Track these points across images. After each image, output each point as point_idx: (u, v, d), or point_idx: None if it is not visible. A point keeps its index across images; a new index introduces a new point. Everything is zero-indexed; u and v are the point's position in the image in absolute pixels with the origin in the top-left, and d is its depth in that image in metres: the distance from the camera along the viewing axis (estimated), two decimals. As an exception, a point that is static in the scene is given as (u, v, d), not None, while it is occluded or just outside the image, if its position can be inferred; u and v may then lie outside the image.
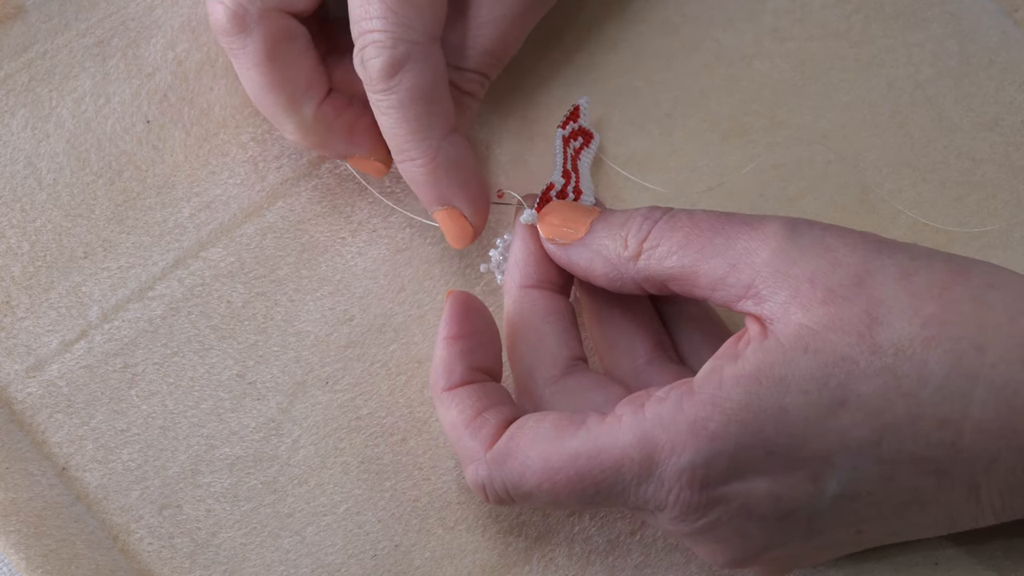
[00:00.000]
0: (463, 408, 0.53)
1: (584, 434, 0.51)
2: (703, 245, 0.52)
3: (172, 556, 0.56)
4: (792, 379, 0.49)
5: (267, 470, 0.58)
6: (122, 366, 0.59)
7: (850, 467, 0.49)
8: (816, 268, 0.50)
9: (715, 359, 0.51)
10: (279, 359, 0.59)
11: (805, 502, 0.50)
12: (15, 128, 0.62)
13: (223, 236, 0.61)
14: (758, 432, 0.49)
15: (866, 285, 0.50)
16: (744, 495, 0.50)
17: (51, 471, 0.57)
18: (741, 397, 0.49)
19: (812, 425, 0.49)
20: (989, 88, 0.65)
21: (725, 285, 0.51)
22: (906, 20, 0.66)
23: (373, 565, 0.57)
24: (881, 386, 0.49)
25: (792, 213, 0.62)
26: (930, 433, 0.49)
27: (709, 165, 0.64)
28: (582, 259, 0.55)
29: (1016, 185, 0.64)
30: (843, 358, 0.49)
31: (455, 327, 0.54)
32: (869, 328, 0.49)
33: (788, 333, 0.49)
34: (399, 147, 0.57)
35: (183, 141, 0.62)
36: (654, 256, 0.53)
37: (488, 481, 0.52)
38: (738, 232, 0.52)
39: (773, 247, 0.51)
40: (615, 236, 0.54)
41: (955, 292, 0.50)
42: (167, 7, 0.64)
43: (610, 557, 0.57)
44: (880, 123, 0.65)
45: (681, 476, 0.50)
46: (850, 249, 0.51)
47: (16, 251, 0.60)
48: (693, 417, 0.49)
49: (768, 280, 0.50)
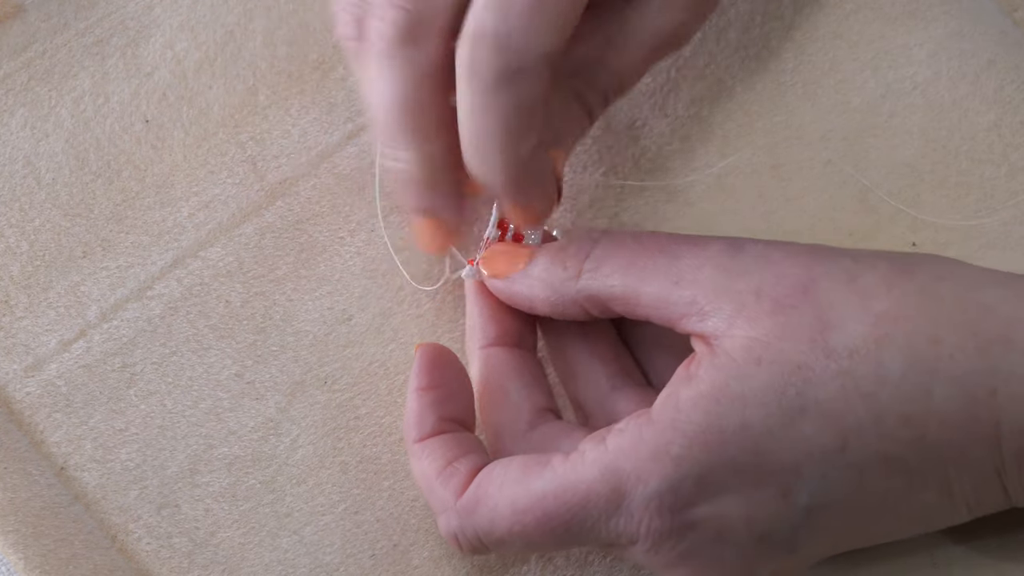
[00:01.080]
0: (434, 459, 0.53)
1: (549, 474, 0.50)
2: (646, 264, 0.51)
3: (170, 556, 0.56)
4: (749, 393, 0.49)
5: (265, 470, 0.58)
6: (121, 365, 0.59)
7: (818, 476, 0.49)
8: (760, 281, 0.50)
9: (669, 385, 0.50)
10: (278, 359, 0.59)
11: (778, 520, 0.50)
12: (14, 127, 0.62)
13: (222, 236, 0.61)
14: (722, 451, 0.49)
15: (811, 292, 0.49)
16: (716, 518, 0.49)
17: (49, 471, 0.57)
18: (701, 418, 0.49)
19: (775, 437, 0.49)
20: (989, 88, 0.65)
21: (668, 303, 0.51)
22: (905, 20, 0.66)
23: (371, 564, 0.57)
24: (839, 390, 0.48)
25: (792, 213, 0.63)
26: (894, 432, 0.49)
27: (709, 166, 0.64)
28: (523, 287, 0.54)
29: (1015, 186, 0.63)
30: (798, 366, 0.48)
31: (425, 379, 0.54)
32: (821, 333, 0.49)
33: (738, 347, 0.49)
34: (478, 153, 0.53)
35: (182, 140, 0.62)
36: (596, 276, 0.52)
37: (460, 531, 0.52)
38: (681, 250, 0.51)
39: (716, 263, 0.50)
40: (555, 260, 0.54)
41: (903, 288, 0.49)
42: (166, 6, 0.64)
43: (608, 557, 0.57)
44: (879, 123, 0.64)
45: (649, 504, 0.49)
46: (792, 260, 0.50)
47: (15, 250, 0.60)
48: (655, 444, 0.49)
49: (711, 295, 0.50)
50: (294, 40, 0.64)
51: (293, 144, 0.62)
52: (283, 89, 0.63)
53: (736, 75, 0.65)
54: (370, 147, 0.62)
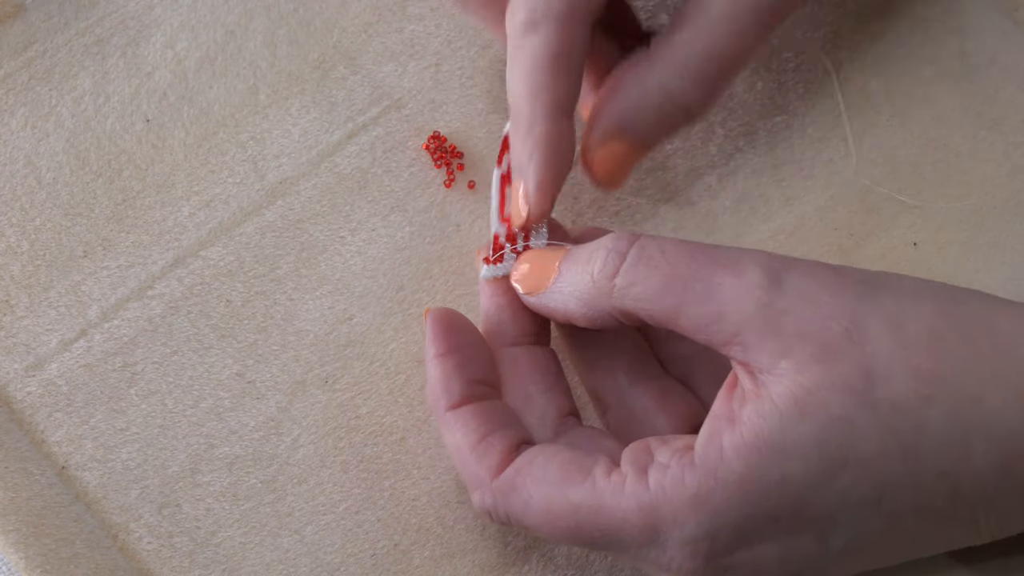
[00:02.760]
0: (467, 431, 0.53)
1: (589, 487, 0.50)
2: (683, 290, 0.50)
3: (171, 555, 0.56)
4: (792, 446, 0.48)
5: (266, 469, 0.58)
6: (121, 365, 0.59)
7: (853, 523, 0.49)
8: (805, 324, 0.49)
9: (712, 419, 0.50)
10: (278, 358, 0.59)
11: (812, 562, 0.50)
12: (15, 127, 0.62)
13: (222, 235, 0.61)
14: (761, 502, 0.49)
15: (856, 340, 0.49)
16: (751, 563, 0.50)
17: (50, 470, 0.57)
18: (742, 469, 0.48)
19: (814, 489, 0.48)
20: (989, 88, 0.65)
21: (709, 332, 0.50)
22: (907, 19, 0.66)
23: (372, 564, 0.57)
24: (880, 444, 0.48)
25: (792, 213, 0.63)
26: (931, 486, 0.49)
27: (710, 165, 0.64)
28: (557, 304, 0.54)
29: (1017, 185, 0.64)
30: (839, 418, 0.48)
31: (443, 344, 0.54)
32: (865, 386, 0.48)
33: (782, 395, 0.49)
34: (512, 101, 0.55)
35: (183, 140, 0.62)
36: (630, 295, 0.51)
37: (493, 509, 0.52)
38: (719, 278, 0.50)
39: (756, 299, 0.50)
40: (583, 273, 0.53)
41: (948, 342, 0.49)
42: (166, 6, 0.64)
43: (610, 557, 0.57)
44: (880, 123, 0.65)
45: (684, 548, 0.49)
46: (836, 299, 0.50)
47: (16, 250, 0.60)
48: (695, 490, 0.49)
49: (757, 332, 0.49)
50: (295, 39, 0.64)
51: (294, 143, 0.62)
52: (283, 88, 0.63)
53: (737, 75, 0.65)
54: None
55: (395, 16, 0.65)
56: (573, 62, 0.54)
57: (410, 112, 0.64)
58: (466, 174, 0.63)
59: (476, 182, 0.63)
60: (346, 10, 0.65)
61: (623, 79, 0.56)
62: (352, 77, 0.64)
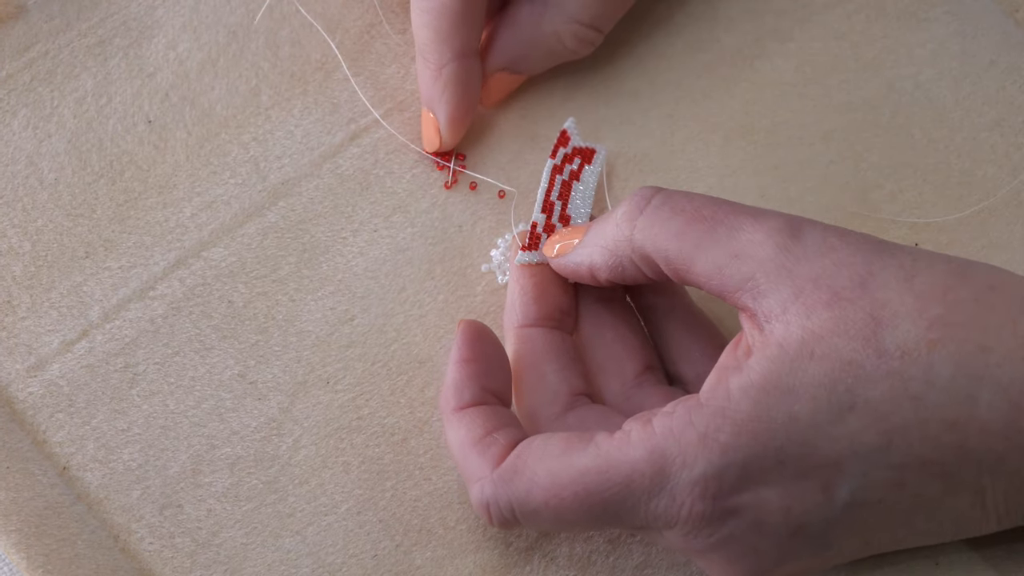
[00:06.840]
0: (471, 428, 0.53)
1: (593, 450, 0.51)
2: (704, 232, 0.52)
3: (173, 556, 0.56)
4: (800, 387, 0.49)
5: (268, 470, 0.58)
6: (123, 366, 0.59)
7: (860, 473, 0.49)
8: (820, 268, 0.50)
9: (718, 369, 0.50)
10: (280, 359, 0.59)
11: (816, 513, 0.50)
12: (16, 128, 0.62)
13: (224, 236, 0.61)
14: (769, 441, 0.49)
15: (869, 287, 0.50)
16: (756, 507, 0.50)
17: (52, 471, 0.57)
18: (750, 407, 0.49)
19: (821, 431, 0.49)
20: (990, 88, 0.65)
21: (723, 275, 0.51)
22: (907, 20, 0.66)
23: (374, 565, 0.57)
24: (888, 389, 0.49)
25: (793, 213, 0.63)
26: (938, 435, 0.49)
27: (710, 166, 0.64)
28: (582, 257, 0.55)
29: (1018, 185, 0.64)
30: (849, 362, 0.49)
31: (467, 351, 0.54)
32: (874, 331, 0.49)
33: (792, 338, 0.49)
34: (420, 47, 0.61)
35: (184, 141, 0.62)
36: (650, 235, 0.52)
37: (493, 499, 0.52)
38: (742, 223, 0.51)
39: (777, 242, 0.51)
40: (608, 221, 0.54)
41: (958, 294, 0.50)
42: (168, 7, 0.64)
43: (611, 557, 0.57)
44: (881, 124, 0.65)
45: (693, 488, 0.50)
46: (852, 250, 0.51)
47: (17, 251, 0.60)
48: (704, 429, 0.49)
49: (771, 275, 0.50)
50: (297, 40, 0.64)
51: (296, 144, 0.63)
52: (286, 90, 0.63)
53: (738, 74, 0.65)
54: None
55: (398, 18, 0.65)
56: (477, 9, 0.60)
57: (412, 114, 0.64)
58: (468, 175, 0.63)
59: (478, 183, 0.63)
60: (349, 11, 0.65)
61: (517, 18, 0.62)
62: (354, 79, 0.64)
